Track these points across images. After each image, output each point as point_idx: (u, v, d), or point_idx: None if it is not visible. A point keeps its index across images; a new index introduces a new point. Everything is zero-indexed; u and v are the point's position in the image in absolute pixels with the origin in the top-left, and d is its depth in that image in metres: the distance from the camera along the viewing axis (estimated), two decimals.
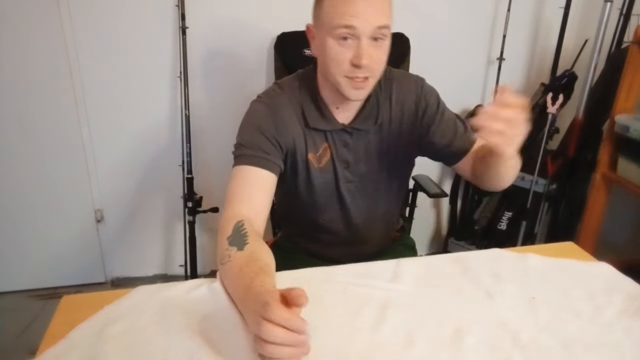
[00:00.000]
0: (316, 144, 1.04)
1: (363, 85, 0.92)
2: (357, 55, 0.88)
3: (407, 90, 1.05)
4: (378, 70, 0.93)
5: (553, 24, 2.03)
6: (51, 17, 1.71)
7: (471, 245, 2.21)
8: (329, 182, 1.08)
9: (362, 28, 0.86)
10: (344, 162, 1.07)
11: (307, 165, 1.05)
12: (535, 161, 1.96)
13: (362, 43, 0.87)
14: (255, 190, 0.94)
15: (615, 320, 0.75)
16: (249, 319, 0.69)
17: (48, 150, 1.90)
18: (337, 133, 1.04)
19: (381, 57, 0.92)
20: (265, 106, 1.00)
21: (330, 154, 1.05)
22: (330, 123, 1.02)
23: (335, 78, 0.93)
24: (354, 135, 1.04)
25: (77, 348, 0.68)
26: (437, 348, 0.69)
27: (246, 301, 0.70)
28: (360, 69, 0.89)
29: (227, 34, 1.86)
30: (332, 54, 0.90)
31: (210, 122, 1.95)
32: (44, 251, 2.03)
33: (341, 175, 1.08)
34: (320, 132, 1.03)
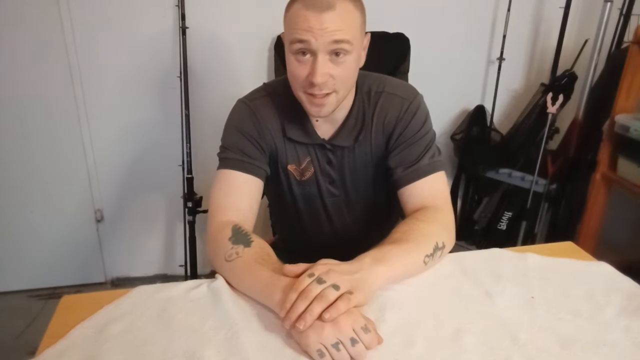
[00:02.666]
0: (298, 157, 1.01)
1: (323, 102, 0.87)
2: (311, 73, 0.83)
3: (391, 108, 0.98)
4: (340, 87, 0.87)
5: (553, 24, 2.03)
6: (51, 17, 1.71)
7: (471, 245, 2.21)
8: (313, 195, 1.06)
9: (316, 43, 0.81)
10: (327, 177, 1.04)
11: (287, 176, 1.03)
12: (535, 161, 1.96)
13: (317, 59, 0.82)
14: (242, 196, 0.94)
15: (615, 319, 0.75)
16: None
17: (48, 150, 1.90)
18: (319, 148, 1.00)
19: (342, 74, 0.86)
20: (248, 108, 0.98)
21: (314, 169, 1.02)
22: (310, 136, 0.99)
23: (296, 93, 0.90)
24: (336, 153, 1.01)
25: (77, 348, 0.68)
26: (437, 348, 0.69)
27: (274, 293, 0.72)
28: (316, 86, 0.85)
29: (227, 34, 1.86)
30: (291, 69, 0.87)
31: (210, 122, 1.95)
32: (44, 251, 2.04)
33: (325, 190, 1.05)
34: (301, 144, 1.00)
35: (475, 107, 2.11)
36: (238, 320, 0.73)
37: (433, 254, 0.85)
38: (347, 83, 0.89)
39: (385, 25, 1.68)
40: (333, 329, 0.64)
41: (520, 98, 2.19)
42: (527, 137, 2.04)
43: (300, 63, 0.85)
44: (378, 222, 1.16)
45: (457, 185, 2.22)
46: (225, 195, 0.93)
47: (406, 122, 0.98)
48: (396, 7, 1.92)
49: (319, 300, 0.66)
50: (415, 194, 0.96)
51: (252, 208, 0.95)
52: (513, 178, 2.09)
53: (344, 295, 0.68)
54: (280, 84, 1.01)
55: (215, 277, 0.84)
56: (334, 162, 1.02)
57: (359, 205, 1.09)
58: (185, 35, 1.74)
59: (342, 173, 1.04)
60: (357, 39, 0.86)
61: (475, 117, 2.10)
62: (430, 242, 0.85)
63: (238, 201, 0.93)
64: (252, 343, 0.68)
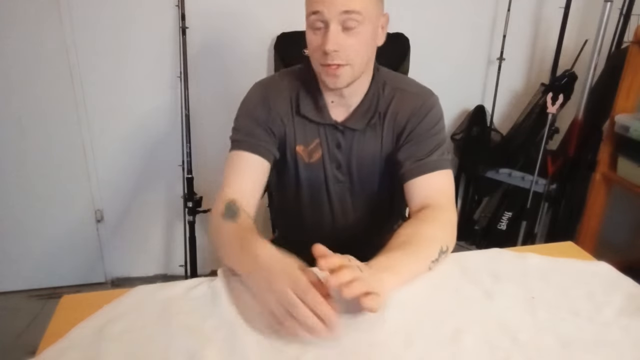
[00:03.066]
0: (307, 137, 1.03)
1: (337, 73, 0.90)
2: (324, 42, 0.88)
3: (406, 103, 1.01)
4: (353, 58, 0.90)
5: (553, 24, 2.03)
6: (51, 17, 1.71)
7: (471, 245, 2.21)
8: (318, 179, 1.07)
9: (327, 13, 0.86)
10: (335, 162, 1.05)
11: (295, 158, 1.05)
12: (535, 161, 1.96)
13: (329, 29, 0.86)
14: (246, 175, 0.97)
15: (614, 319, 0.75)
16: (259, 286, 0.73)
17: (48, 150, 1.90)
18: (329, 130, 1.02)
19: (354, 44, 0.88)
20: (260, 92, 1.02)
21: (322, 151, 1.04)
22: (323, 116, 1.01)
23: (315, 67, 0.94)
24: (346, 135, 1.02)
25: (77, 347, 0.68)
26: (437, 348, 0.69)
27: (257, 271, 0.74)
28: (330, 56, 0.88)
29: (227, 34, 1.86)
30: (309, 41, 0.92)
31: (210, 122, 1.95)
32: (44, 251, 2.04)
33: (330, 175, 1.06)
34: (312, 124, 1.02)
35: (475, 107, 2.11)
36: (238, 320, 0.73)
37: (438, 258, 0.85)
38: (360, 55, 0.91)
39: None
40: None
41: (520, 98, 2.19)
42: (527, 137, 2.04)
43: (315, 35, 0.90)
44: (379, 220, 1.16)
45: (457, 185, 2.22)
46: (231, 173, 0.97)
47: (419, 119, 1.00)
48: (396, 7, 1.91)
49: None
50: (421, 189, 0.96)
51: (256, 186, 0.97)
52: (513, 178, 2.09)
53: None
54: (297, 68, 1.05)
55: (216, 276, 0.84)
56: (342, 146, 1.03)
57: (363, 196, 1.10)
58: (185, 35, 1.74)
59: (350, 158, 1.04)
60: (369, 10, 0.88)
61: (475, 117, 2.10)
62: (436, 246, 0.85)
63: (242, 180, 0.96)
64: (252, 343, 0.68)
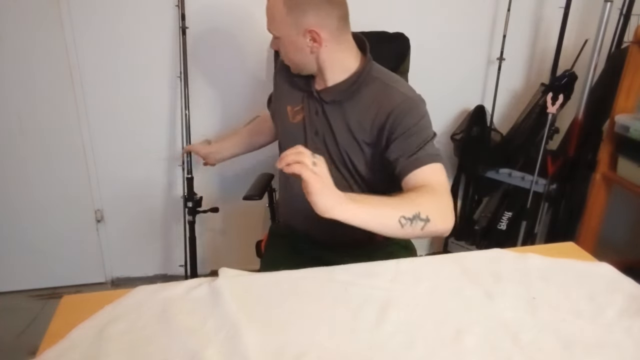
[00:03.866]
0: (294, 100, 1.19)
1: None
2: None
3: (390, 98, 1.05)
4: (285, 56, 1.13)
5: (553, 24, 2.03)
6: (51, 17, 1.71)
7: (471, 245, 2.21)
8: (299, 140, 1.14)
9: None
10: (313, 128, 1.15)
11: (285, 115, 1.21)
12: (535, 161, 1.96)
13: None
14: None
15: (616, 320, 0.75)
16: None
17: (48, 150, 1.89)
18: (310, 98, 1.15)
19: (282, 48, 1.11)
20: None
21: (303, 115, 1.17)
22: (307, 84, 1.16)
23: None
24: (322, 105, 1.13)
25: (78, 348, 0.68)
26: (438, 348, 0.69)
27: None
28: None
29: (227, 34, 1.86)
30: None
31: (210, 122, 1.95)
32: (44, 251, 2.03)
33: (310, 139, 1.16)
34: (298, 90, 1.18)
35: (475, 107, 2.11)
36: (238, 320, 0.73)
37: (412, 219, 0.85)
38: (288, 56, 1.12)
39: (385, 25, 1.67)
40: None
41: (520, 98, 2.19)
42: (527, 137, 2.04)
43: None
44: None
45: (457, 185, 2.22)
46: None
47: (401, 115, 1.03)
48: (396, 7, 1.91)
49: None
50: (416, 181, 0.98)
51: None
52: (513, 178, 2.08)
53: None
54: None
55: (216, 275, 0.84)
56: (319, 114, 1.14)
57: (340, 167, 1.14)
58: (185, 35, 1.74)
59: (325, 128, 1.14)
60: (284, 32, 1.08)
61: (475, 117, 2.10)
62: (413, 208, 0.86)
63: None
64: (252, 343, 0.68)
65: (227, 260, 2.03)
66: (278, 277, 0.87)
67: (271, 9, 1.08)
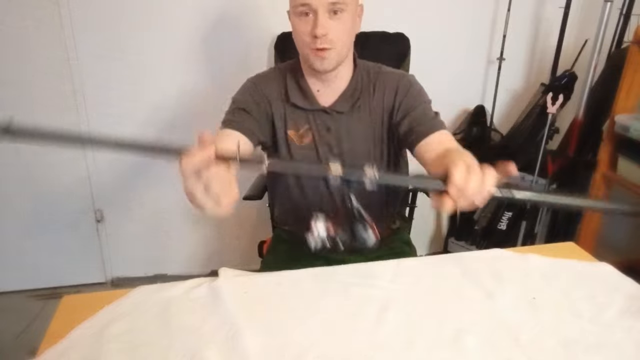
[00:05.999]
0: (297, 123, 1.10)
1: (325, 55, 0.99)
2: (314, 27, 0.96)
3: (389, 81, 1.09)
4: (339, 42, 0.99)
5: (553, 24, 2.03)
6: (51, 17, 1.71)
7: (471, 245, 2.21)
8: (311, 160, 1.12)
9: (316, 4, 0.95)
10: (326, 145, 1.11)
11: (287, 141, 1.12)
12: (535, 161, 1.96)
13: (318, 16, 0.96)
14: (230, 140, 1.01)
15: (616, 320, 0.75)
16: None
17: (48, 150, 1.89)
18: (318, 115, 1.09)
19: (340, 29, 0.98)
20: (251, 81, 1.12)
21: (312, 136, 1.10)
22: (311, 103, 1.08)
23: (302, 51, 1.02)
24: (334, 118, 1.09)
25: (77, 348, 0.68)
26: (438, 348, 0.69)
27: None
28: (319, 40, 0.96)
29: (228, 34, 1.86)
30: (297, 30, 1.00)
31: (210, 122, 1.94)
32: (44, 251, 2.03)
33: (323, 156, 1.12)
34: (301, 111, 1.09)
35: (475, 107, 2.11)
36: (238, 320, 0.73)
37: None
38: (344, 39, 1.00)
39: (385, 25, 1.67)
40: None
41: (520, 98, 2.19)
42: (527, 137, 2.04)
43: (303, 22, 0.98)
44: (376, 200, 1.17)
45: None
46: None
47: (405, 89, 1.07)
48: (396, 7, 1.91)
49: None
50: (436, 144, 0.97)
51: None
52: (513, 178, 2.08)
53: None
54: (288, 62, 1.15)
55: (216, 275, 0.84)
56: (332, 129, 1.10)
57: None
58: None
59: (340, 140, 1.10)
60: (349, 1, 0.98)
61: (475, 117, 2.09)
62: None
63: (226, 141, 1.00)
64: (252, 343, 0.68)
65: (227, 260, 2.03)
66: (278, 277, 0.87)
67: None
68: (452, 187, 0.65)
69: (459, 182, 0.65)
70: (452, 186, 0.65)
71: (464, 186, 0.65)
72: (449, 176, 0.66)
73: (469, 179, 0.65)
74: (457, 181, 0.65)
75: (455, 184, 0.65)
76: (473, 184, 0.65)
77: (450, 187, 0.65)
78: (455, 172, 0.66)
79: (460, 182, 0.65)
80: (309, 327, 0.73)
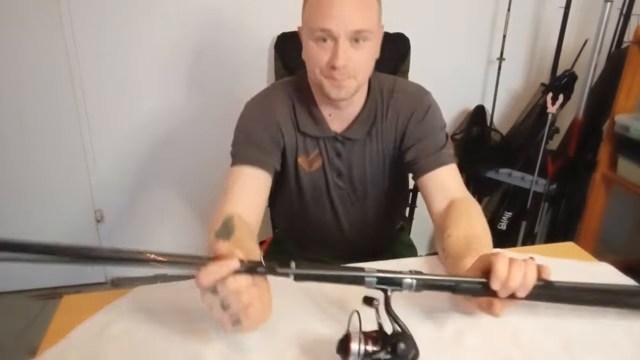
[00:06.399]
0: (307, 149, 1.04)
1: (343, 84, 0.91)
2: (333, 57, 0.87)
3: (404, 104, 1.02)
4: (359, 72, 0.91)
5: (553, 24, 2.03)
6: (51, 17, 1.71)
7: None
8: (320, 187, 1.08)
9: (338, 31, 0.85)
10: (335, 170, 1.06)
11: (296, 168, 1.06)
12: (535, 161, 1.96)
13: (339, 44, 0.86)
14: (249, 189, 0.94)
15: (616, 320, 0.75)
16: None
17: (48, 150, 1.89)
18: (329, 140, 1.03)
19: (362, 59, 0.90)
20: (260, 106, 1.01)
21: (322, 161, 1.05)
22: (322, 130, 1.01)
23: (316, 78, 0.93)
24: (346, 145, 1.03)
25: (77, 348, 0.68)
26: (437, 348, 0.69)
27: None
28: (337, 70, 0.88)
29: (227, 34, 1.86)
30: (312, 55, 0.91)
31: (210, 122, 1.95)
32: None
33: (332, 183, 1.07)
34: (312, 138, 1.03)
35: (475, 107, 2.11)
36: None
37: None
38: (364, 69, 0.92)
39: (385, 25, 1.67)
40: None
41: (520, 98, 2.19)
42: (527, 137, 2.04)
43: (321, 49, 0.89)
44: (382, 219, 1.17)
45: None
46: (233, 187, 0.93)
47: (420, 115, 1.01)
48: (396, 7, 1.90)
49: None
50: (441, 182, 0.97)
51: (259, 201, 0.95)
52: (513, 178, 2.08)
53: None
54: (289, 82, 1.05)
55: None
56: (343, 155, 1.04)
57: (366, 200, 1.11)
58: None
59: (350, 167, 1.06)
60: (375, 27, 0.90)
61: (475, 117, 2.10)
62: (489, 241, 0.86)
63: (245, 193, 0.93)
64: (252, 343, 0.68)
65: None
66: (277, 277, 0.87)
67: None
68: (495, 281, 0.64)
69: (502, 272, 0.63)
70: (496, 279, 0.63)
71: (508, 277, 0.63)
72: (492, 270, 0.64)
73: (512, 270, 0.64)
74: (500, 272, 0.63)
75: (499, 277, 0.63)
76: (516, 275, 0.64)
77: (493, 281, 0.64)
78: (497, 264, 0.64)
79: (503, 272, 0.63)
80: (309, 326, 0.73)
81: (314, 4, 0.88)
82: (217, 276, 0.58)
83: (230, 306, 0.60)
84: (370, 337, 0.60)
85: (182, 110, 1.91)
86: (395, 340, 0.59)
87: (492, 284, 0.64)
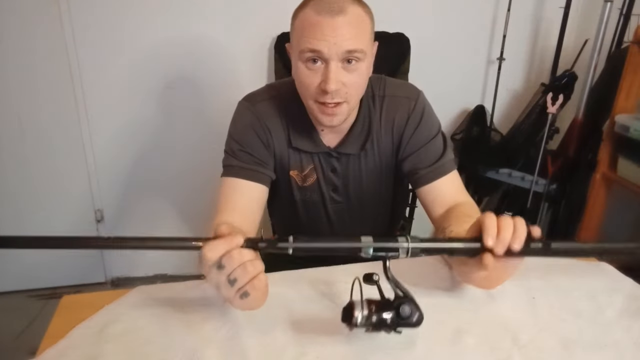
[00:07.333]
0: (302, 163, 1.01)
1: (335, 112, 0.86)
2: (325, 80, 0.82)
3: (398, 111, 0.98)
4: (352, 95, 0.87)
5: (553, 24, 2.03)
6: (51, 17, 1.71)
7: None
8: (314, 200, 1.06)
9: (329, 52, 0.80)
10: (331, 185, 1.04)
11: (289, 181, 1.03)
12: (535, 161, 1.96)
13: (330, 67, 0.81)
14: (245, 201, 0.92)
15: (616, 320, 0.75)
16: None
17: (48, 150, 1.90)
18: (323, 156, 1.00)
19: (354, 82, 0.85)
20: (252, 114, 0.97)
21: (317, 176, 1.02)
22: (316, 145, 0.98)
23: (306, 102, 0.89)
24: (341, 160, 1.01)
25: (77, 348, 0.68)
26: (437, 348, 0.69)
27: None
28: (329, 94, 0.83)
29: (227, 34, 1.86)
30: (301, 78, 0.86)
31: (210, 122, 1.95)
32: (44, 251, 2.03)
33: (327, 197, 1.06)
34: (306, 153, 1.00)
35: (475, 107, 2.11)
36: (238, 320, 0.73)
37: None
38: (358, 91, 0.88)
39: (385, 25, 1.67)
40: None
41: (520, 98, 2.19)
42: (527, 137, 2.04)
43: (311, 71, 0.84)
44: (379, 229, 1.16)
45: None
46: (228, 199, 0.92)
47: (415, 122, 0.98)
48: (396, 7, 1.92)
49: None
50: (441, 192, 0.96)
51: (255, 214, 0.93)
52: (513, 178, 2.09)
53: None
54: (285, 89, 0.98)
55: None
56: (338, 170, 1.02)
57: (362, 212, 1.09)
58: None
59: (347, 181, 1.03)
60: (368, 47, 0.85)
61: (475, 117, 2.10)
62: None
63: (241, 205, 0.91)
64: (252, 343, 0.68)
65: None
66: (277, 277, 0.87)
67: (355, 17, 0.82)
68: (488, 238, 0.64)
69: (492, 228, 0.64)
70: (488, 236, 0.64)
71: (499, 231, 0.65)
72: (483, 228, 0.65)
73: (501, 224, 0.65)
74: (490, 228, 0.64)
75: (490, 233, 0.64)
76: (506, 228, 0.65)
77: (486, 238, 0.65)
78: (486, 220, 0.65)
79: (493, 228, 0.64)
80: (309, 326, 0.73)
81: (302, 22, 0.83)
82: (222, 250, 0.60)
83: (237, 279, 0.61)
84: (374, 303, 0.60)
85: (182, 110, 1.92)
86: (399, 303, 0.60)
87: (486, 240, 0.65)
